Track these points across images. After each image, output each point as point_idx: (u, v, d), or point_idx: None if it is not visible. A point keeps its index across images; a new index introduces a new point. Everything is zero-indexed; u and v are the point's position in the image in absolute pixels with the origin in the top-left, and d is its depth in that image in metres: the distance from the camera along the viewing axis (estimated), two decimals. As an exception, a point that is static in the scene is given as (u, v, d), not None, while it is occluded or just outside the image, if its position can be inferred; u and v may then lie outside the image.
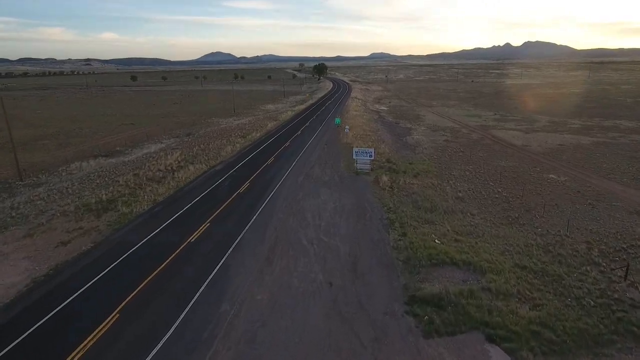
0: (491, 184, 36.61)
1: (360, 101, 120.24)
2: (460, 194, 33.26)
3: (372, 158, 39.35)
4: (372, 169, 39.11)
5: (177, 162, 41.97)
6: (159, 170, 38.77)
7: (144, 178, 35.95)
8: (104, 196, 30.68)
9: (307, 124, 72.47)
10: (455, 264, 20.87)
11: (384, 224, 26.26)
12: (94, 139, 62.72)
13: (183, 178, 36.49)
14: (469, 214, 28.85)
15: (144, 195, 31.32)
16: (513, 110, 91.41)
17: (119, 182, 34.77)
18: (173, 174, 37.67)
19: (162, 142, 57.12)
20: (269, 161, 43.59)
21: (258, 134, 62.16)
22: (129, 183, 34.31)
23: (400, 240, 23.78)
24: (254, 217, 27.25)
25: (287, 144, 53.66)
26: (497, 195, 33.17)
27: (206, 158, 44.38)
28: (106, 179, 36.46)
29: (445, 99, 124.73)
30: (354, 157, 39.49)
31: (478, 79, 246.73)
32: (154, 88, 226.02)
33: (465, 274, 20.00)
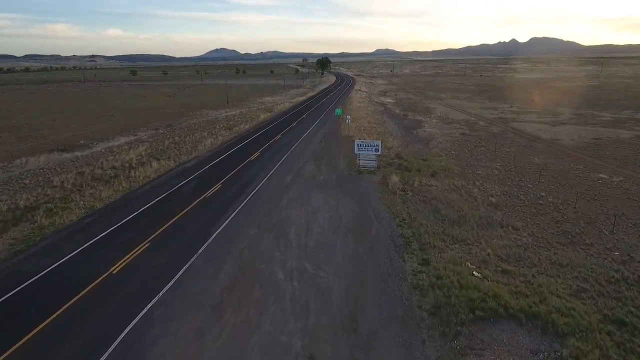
0: (529, 185, 28.96)
1: (365, 93, 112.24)
2: (493, 199, 25.61)
3: (379, 153, 31.62)
4: (378, 167, 31.49)
5: (139, 157, 34.23)
6: (113, 167, 31.07)
7: (89, 178, 28.24)
8: (22, 202, 23.02)
9: (304, 116, 64.67)
10: (514, 316, 13.19)
11: (397, 245, 18.59)
12: (62, 132, 55.31)
13: (140, 177, 28.87)
14: (510, 228, 21.18)
15: (79, 201, 23.75)
16: (530, 103, 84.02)
17: (53, 182, 27.11)
18: (129, 172, 29.98)
19: (135, 135, 49.50)
20: (253, 157, 35.87)
21: (247, 126, 54.34)
22: (66, 184, 26.58)
23: (421, 272, 16.13)
24: (214, 234, 19.51)
25: (278, 137, 45.89)
26: (541, 202, 25.49)
27: (177, 153, 36.62)
28: (40, 178, 28.72)
29: (455, 92, 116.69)
30: (356, 151, 31.77)
31: (487, 73, 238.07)
32: (153, 82, 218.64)
33: (532, 339, 12.31)
